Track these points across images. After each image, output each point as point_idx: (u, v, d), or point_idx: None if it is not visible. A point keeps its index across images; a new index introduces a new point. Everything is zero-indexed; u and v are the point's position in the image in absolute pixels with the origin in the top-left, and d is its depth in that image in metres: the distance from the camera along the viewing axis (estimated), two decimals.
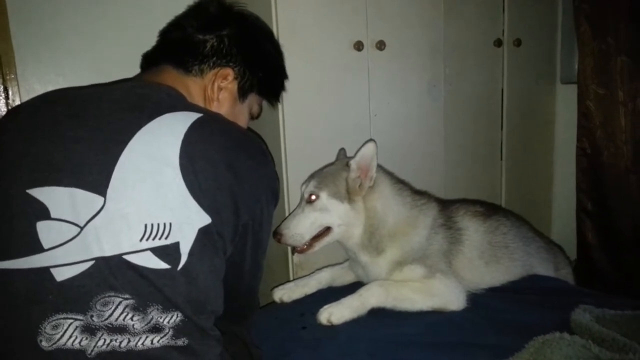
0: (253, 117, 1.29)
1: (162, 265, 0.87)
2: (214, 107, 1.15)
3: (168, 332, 0.88)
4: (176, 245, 0.88)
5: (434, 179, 1.99)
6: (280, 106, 1.66)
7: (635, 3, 1.96)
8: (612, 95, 2.06)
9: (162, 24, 1.87)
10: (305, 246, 1.46)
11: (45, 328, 0.84)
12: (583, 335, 1.17)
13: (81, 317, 0.85)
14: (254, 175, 0.98)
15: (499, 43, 2.09)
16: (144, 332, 0.87)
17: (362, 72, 1.80)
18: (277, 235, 1.44)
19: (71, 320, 0.85)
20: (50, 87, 1.80)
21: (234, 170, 0.93)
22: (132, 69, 1.21)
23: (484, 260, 1.52)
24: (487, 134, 2.16)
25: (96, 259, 0.86)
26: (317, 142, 1.74)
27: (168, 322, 0.88)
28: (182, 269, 0.88)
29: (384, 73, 1.84)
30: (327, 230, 1.46)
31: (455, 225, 1.51)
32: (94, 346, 0.85)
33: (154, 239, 0.87)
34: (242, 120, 1.24)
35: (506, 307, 1.39)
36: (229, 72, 1.15)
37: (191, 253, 0.89)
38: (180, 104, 1.02)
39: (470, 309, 1.38)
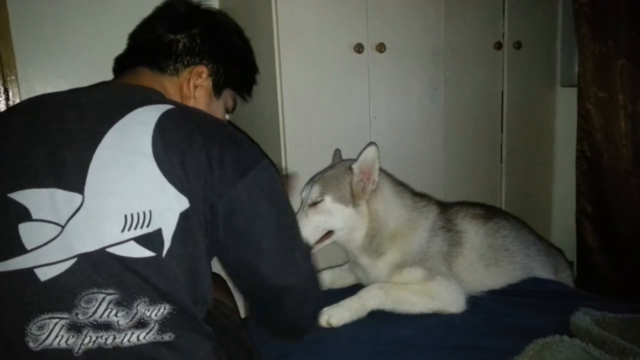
0: (228, 111, 1.31)
1: (147, 253, 0.88)
2: (191, 105, 1.16)
3: (154, 327, 0.87)
4: (159, 232, 0.89)
5: (433, 182, 1.99)
6: (280, 108, 1.66)
7: (636, 6, 1.96)
8: (612, 98, 2.06)
9: None
10: None
11: (31, 329, 0.85)
12: (583, 338, 1.17)
13: (66, 316, 0.85)
14: (226, 160, 0.96)
15: (499, 46, 2.09)
16: (129, 328, 0.87)
17: (362, 74, 1.80)
18: None
19: (57, 320, 0.85)
20: (51, 89, 1.81)
21: (203, 156, 0.93)
22: None
23: (484, 263, 1.52)
24: (487, 136, 2.16)
25: (78, 255, 0.86)
26: (317, 144, 1.74)
27: (155, 315, 0.88)
28: (166, 255, 0.89)
29: (384, 75, 1.84)
30: (328, 233, 1.45)
31: (455, 228, 1.51)
32: (81, 344, 0.85)
33: (135, 228, 0.88)
34: (219, 116, 1.26)
35: (506, 309, 1.39)
36: (203, 70, 1.17)
37: (174, 238, 0.90)
38: (152, 99, 1.02)
39: (470, 312, 1.38)
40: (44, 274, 0.86)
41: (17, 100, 1.76)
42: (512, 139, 2.20)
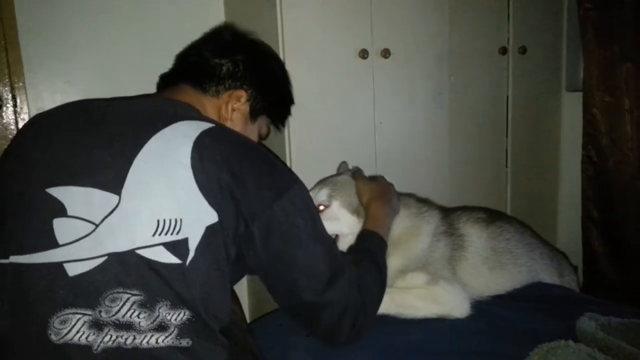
0: (262, 137, 1.36)
1: (173, 259, 0.91)
2: (228, 126, 1.20)
3: (173, 331, 0.89)
4: (185, 241, 0.92)
5: (438, 187, 1.99)
6: None
7: None
8: (618, 103, 2.05)
9: (167, 33, 1.91)
10: None
11: (54, 322, 0.87)
12: (589, 343, 1.16)
13: (90, 312, 0.88)
14: (263, 182, 1.00)
15: (504, 51, 2.09)
16: (150, 330, 0.89)
17: (367, 80, 1.81)
18: None
19: (80, 316, 0.88)
20: (58, 95, 1.83)
21: (238, 176, 0.96)
22: (138, 77, 1.24)
23: (488, 266, 1.51)
24: (492, 141, 2.16)
25: (109, 254, 0.89)
26: (322, 150, 1.75)
27: (175, 320, 0.90)
28: (189, 264, 0.91)
29: (389, 81, 1.85)
30: (335, 238, 1.46)
31: (457, 232, 1.51)
32: (101, 342, 0.87)
33: (166, 233, 0.91)
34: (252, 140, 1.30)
35: (510, 314, 1.38)
36: (243, 94, 1.22)
37: (197, 249, 0.92)
38: (194, 115, 1.07)
39: (474, 317, 1.38)
40: (73, 269, 0.89)
41: (25, 106, 1.78)
42: (517, 143, 2.20)
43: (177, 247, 0.91)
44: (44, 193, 0.92)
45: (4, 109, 1.76)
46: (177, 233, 0.91)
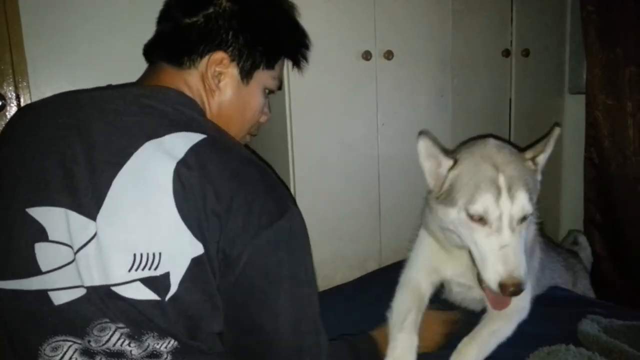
0: (272, 91, 1.18)
1: (152, 296, 0.84)
2: (217, 97, 1.06)
3: (166, 357, 0.86)
4: (166, 276, 0.85)
5: None
6: (288, 115, 1.67)
7: None
8: (621, 106, 2.06)
9: None
10: None
11: (45, 350, 0.83)
12: (591, 346, 1.16)
13: (79, 341, 0.83)
14: (254, 209, 0.88)
15: (507, 53, 2.09)
16: (142, 358, 0.85)
17: (370, 81, 1.81)
18: (515, 285, 1.04)
19: (70, 343, 0.83)
20: None
21: (226, 200, 0.86)
22: None
23: None
24: None
25: (87, 287, 0.84)
26: (324, 151, 1.75)
27: (165, 348, 0.86)
28: (170, 299, 0.85)
29: (392, 83, 1.85)
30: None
31: None
32: None
33: (143, 269, 0.84)
34: (255, 103, 1.12)
35: None
36: (223, 56, 1.04)
37: (182, 283, 0.85)
38: (183, 120, 0.93)
39: (475, 319, 1.37)
40: (58, 298, 0.84)
41: None
42: (519, 146, 2.19)
43: (156, 282, 0.84)
44: (24, 214, 0.85)
45: (8, 108, 1.77)
46: (156, 268, 0.84)
